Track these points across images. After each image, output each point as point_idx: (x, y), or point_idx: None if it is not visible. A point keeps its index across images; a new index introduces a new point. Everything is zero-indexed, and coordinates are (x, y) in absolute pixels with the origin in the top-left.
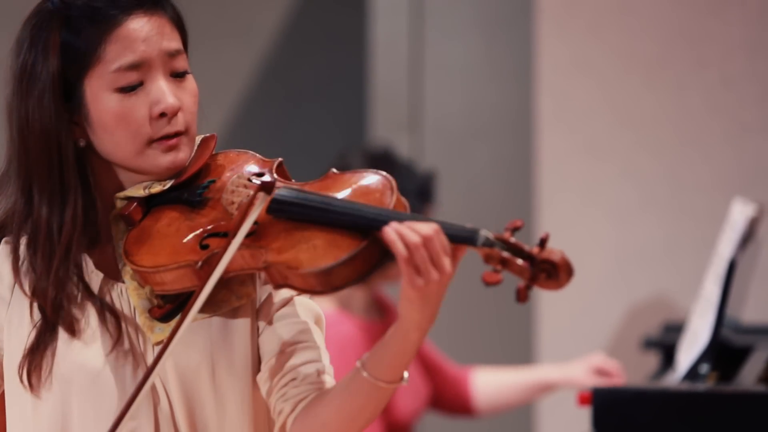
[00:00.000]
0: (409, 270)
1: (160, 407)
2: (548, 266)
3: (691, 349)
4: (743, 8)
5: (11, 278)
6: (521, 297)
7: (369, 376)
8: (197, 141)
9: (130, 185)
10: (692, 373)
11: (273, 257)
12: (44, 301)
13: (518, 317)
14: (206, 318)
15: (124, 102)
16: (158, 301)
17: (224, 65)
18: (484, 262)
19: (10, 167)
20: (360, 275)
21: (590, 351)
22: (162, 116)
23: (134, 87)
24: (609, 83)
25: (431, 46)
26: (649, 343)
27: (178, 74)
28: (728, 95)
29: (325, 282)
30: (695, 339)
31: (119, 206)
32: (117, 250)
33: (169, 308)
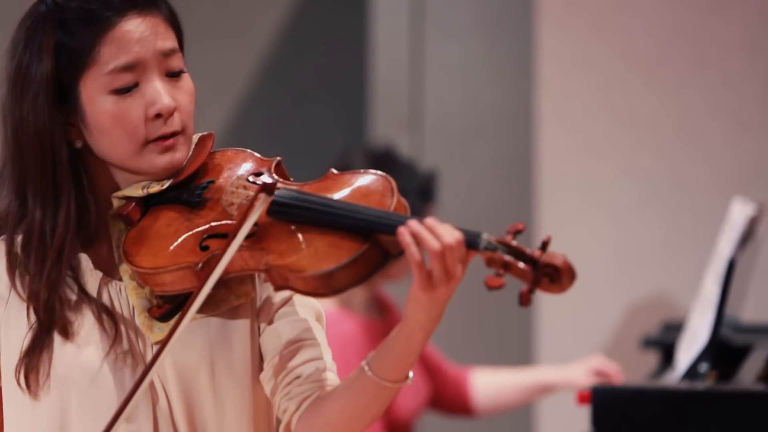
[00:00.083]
0: (422, 274)
1: (159, 406)
2: (551, 270)
3: (691, 348)
4: (744, 8)
5: (8, 278)
6: (524, 301)
7: (373, 376)
8: (194, 139)
9: (128, 184)
10: (691, 372)
11: (274, 260)
12: (37, 304)
13: (518, 315)
14: (205, 317)
15: (120, 104)
16: (158, 301)
17: (225, 64)
18: (486, 266)
19: (5, 169)
20: (361, 277)
21: (590, 349)
22: (158, 117)
23: (129, 88)
24: (609, 82)
25: (432, 46)
26: (649, 342)
27: (174, 73)
28: (728, 95)
29: (327, 285)
30: (695, 338)
31: (117, 205)
32: (115, 250)
33: (169, 308)
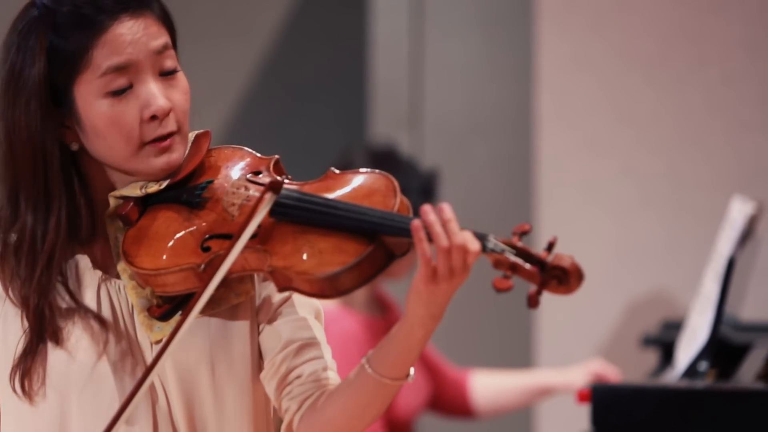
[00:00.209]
0: (427, 268)
1: (159, 406)
2: (559, 272)
3: (690, 347)
4: (743, 6)
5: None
6: (532, 303)
7: (373, 373)
8: (191, 137)
9: (125, 184)
10: (691, 371)
11: (277, 262)
12: (27, 309)
13: (518, 314)
14: (205, 317)
15: (115, 106)
16: (157, 301)
17: (225, 64)
18: (493, 268)
19: None
20: (366, 279)
21: (590, 348)
22: (153, 119)
23: (124, 90)
24: (609, 81)
25: (431, 44)
26: (649, 341)
27: (168, 72)
28: (728, 93)
29: (332, 286)
30: (694, 336)
31: (114, 205)
32: (114, 249)
33: (168, 307)
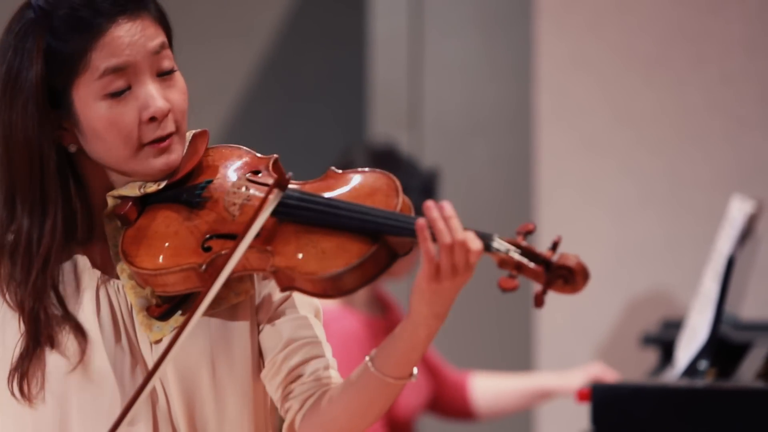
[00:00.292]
0: (431, 266)
1: (159, 407)
2: (565, 272)
3: (690, 346)
4: (742, 6)
5: None
6: (538, 302)
7: (377, 372)
8: (188, 137)
9: (122, 184)
10: (691, 370)
11: (280, 262)
12: (22, 313)
13: (518, 313)
14: (205, 317)
15: (114, 108)
16: (156, 300)
17: (224, 64)
18: (498, 267)
19: None
20: (369, 279)
21: (589, 347)
22: (152, 120)
23: (122, 92)
24: (608, 80)
25: (430, 44)
26: (648, 340)
27: (165, 73)
28: (727, 92)
29: (335, 286)
30: (694, 335)
31: (112, 204)
32: (112, 249)
33: (167, 307)
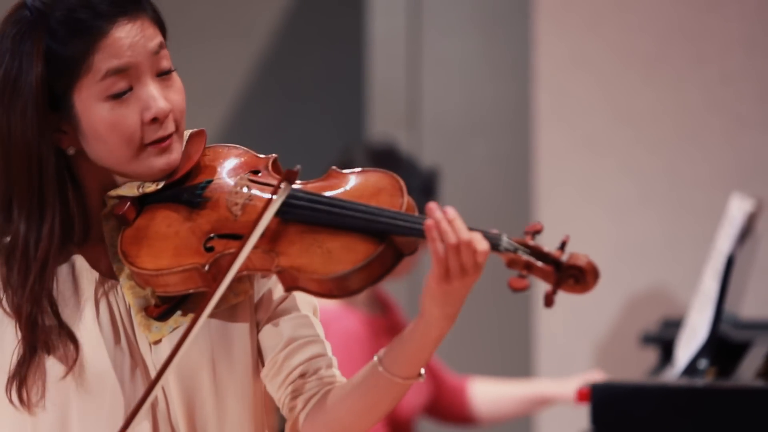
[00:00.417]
0: (440, 267)
1: (158, 409)
2: (576, 272)
3: (690, 345)
4: (742, 4)
5: None
6: (548, 302)
7: (385, 372)
8: (185, 136)
9: (120, 184)
10: (691, 369)
11: (285, 262)
12: (20, 319)
13: (517, 312)
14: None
15: (116, 110)
16: (156, 301)
17: (222, 64)
18: (507, 267)
19: None
20: (375, 279)
21: (589, 346)
22: (154, 121)
23: (124, 93)
24: (607, 79)
25: (429, 43)
26: (648, 339)
27: (164, 73)
28: (727, 91)
29: (342, 287)
30: (694, 334)
31: (110, 205)
32: (110, 249)
33: (166, 307)
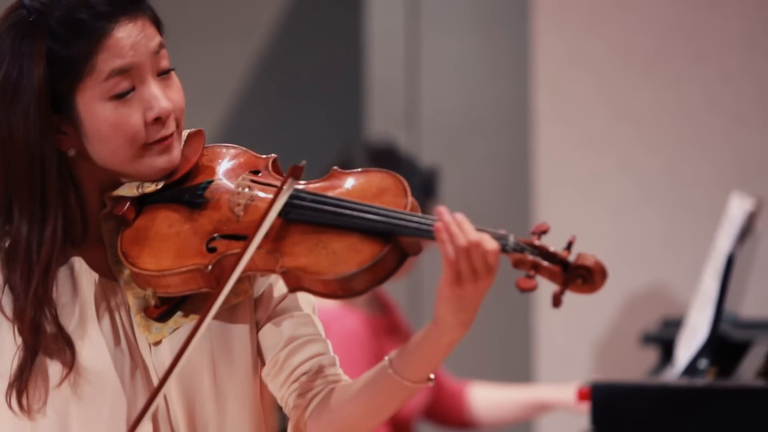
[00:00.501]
0: (451, 270)
1: (159, 409)
2: (584, 272)
3: (690, 344)
4: (741, 2)
5: None
6: (556, 302)
7: (395, 374)
8: (183, 136)
9: (119, 185)
10: (691, 369)
11: (290, 262)
12: (22, 323)
13: (516, 312)
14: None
15: (119, 109)
16: (156, 301)
17: (221, 63)
18: (514, 267)
19: None
20: (380, 280)
21: (589, 346)
22: (156, 121)
23: (127, 93)
24: (606, 78)
25: (428, 43)
26: (648, 338)
27: (164, 72)
28: (726, 90)
29: (346, 288)
30: (694, 334)
31: (110, 206)
32: (109, 250)
33: (166, 308)
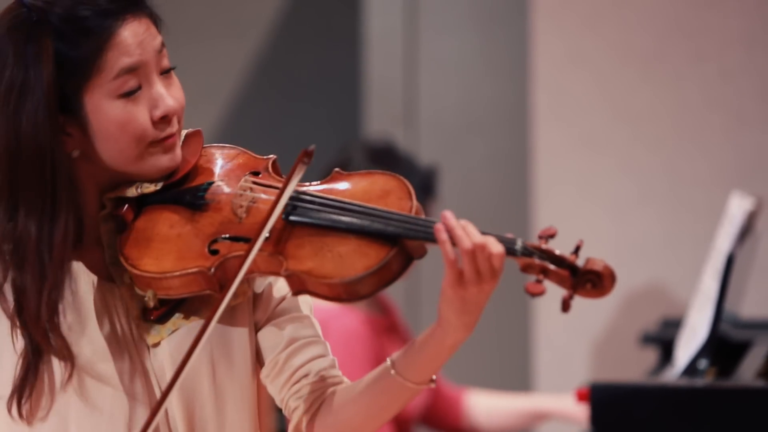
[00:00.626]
0: (453, 272)
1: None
2: (593, 276)
3: (690, 345)
4: (741, 0)
5: None
6: (565, 307)
7: (398, 376)
8: (181, 136)
9: (118, 185)
10: (691, 369)
11: (295, 265)
12: (36, 327)
13: (515, 312)
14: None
15: (127, 108)
16: (155, 303)
17: (218, 63)
18: (522, 272)
19: None
20: (386, 283)
21: (588, 346)
22: (162, 119)
23: (134, 91)
24: (605, 77)
25: (426, 41)
26: (648, 339)
27: (167, 71)
28: (726, 88)
29: (351, 291)
30: (694, 334)
31: (109, 207)
32: (107, 251)
33: (165, 310)
